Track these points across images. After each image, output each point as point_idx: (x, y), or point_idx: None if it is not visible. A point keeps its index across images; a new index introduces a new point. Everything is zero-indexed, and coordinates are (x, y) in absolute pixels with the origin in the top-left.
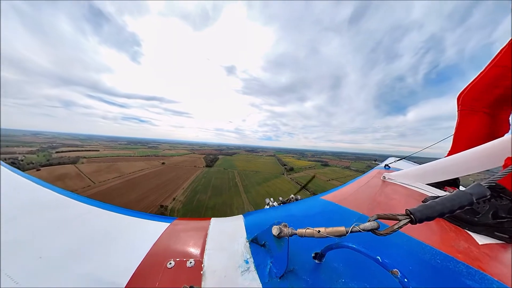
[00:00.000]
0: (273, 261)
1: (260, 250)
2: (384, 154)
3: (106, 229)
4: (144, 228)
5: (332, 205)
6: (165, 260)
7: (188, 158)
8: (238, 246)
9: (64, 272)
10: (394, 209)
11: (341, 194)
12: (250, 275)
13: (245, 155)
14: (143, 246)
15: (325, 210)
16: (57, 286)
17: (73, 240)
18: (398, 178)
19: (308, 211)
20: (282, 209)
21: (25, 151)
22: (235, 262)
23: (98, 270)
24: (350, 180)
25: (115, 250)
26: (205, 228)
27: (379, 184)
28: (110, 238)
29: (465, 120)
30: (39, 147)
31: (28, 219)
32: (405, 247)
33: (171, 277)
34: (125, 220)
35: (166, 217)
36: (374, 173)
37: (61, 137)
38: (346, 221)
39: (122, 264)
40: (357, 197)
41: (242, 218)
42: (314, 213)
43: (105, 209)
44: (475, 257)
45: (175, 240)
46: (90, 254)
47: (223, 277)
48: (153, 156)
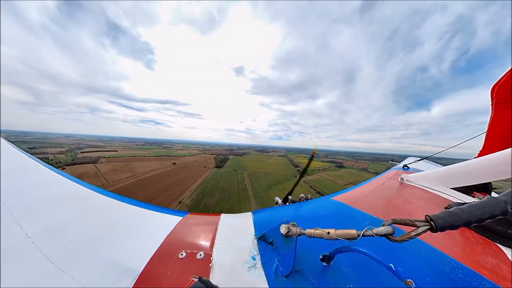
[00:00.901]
0: (280, 259)
1: (267, 248)
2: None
3: (125, 219)
4: (159, 221)
5: (343, 206)
6: (177, 251)
7: (199, 158)
8: (246, 243)
9: (90, 255)
10: (412, 214)
11: (353, 196)
12: (257, 271)
13: (255, 155)
14: (158, 236)
15: (335, 212)
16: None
17: (98, 228)
18: (418, 180)
19: (318, 212)
20: (291, 208)
21: (56, 152)
22: (242, 258)
23: (119, 255)
24: (364, 181)
25: (133, 239)
26: (215, 223)
27: (396, 186)
28: (129, 228)
29: (500, 115)
30: (68, 148)
31: (61, 208)
32: (422, 256)
33: (182, 267)
34: (142, 212)
35: (179, 211)
36: (391, 174)
37: (87, 139)
38: (357, 224)
39: (139, 252)
40: (371, 199)
41: (251, 215)
42: (324, 214)
43: (125, 202)
44: (505, 277)
45: (187, 233)
46: (112, 241)
47: (230, 271)
48: (165, 156)
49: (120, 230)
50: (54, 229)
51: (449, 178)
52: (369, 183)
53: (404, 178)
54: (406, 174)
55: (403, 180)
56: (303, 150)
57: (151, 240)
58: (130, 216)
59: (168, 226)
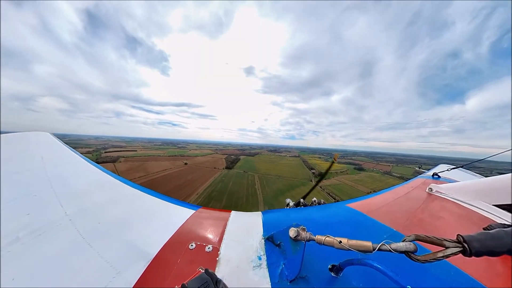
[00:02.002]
0: (286, 263)
1: (274, 249)
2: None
3: (145, 208)
4: (174, 212)
5: (359, 215)
6: (188, 241)
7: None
8: (254, 242)
9: (114, 236)
10: (441, 231)
11: (371, 204)
12: (261, 271)
13: (267, 156)
14: (171, 226)
15: (350, 220)
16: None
17: (122, 213)
18: (450, 192)
19: (330, 218)
20: (302, 211)
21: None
22: (248, 256)
23: (137, 239)
24: (385, 189)
25: (150, 226)
26: (225, 219)
27: (423, 197)
28: (148, 216)
29: None
30: (95, 148)
31: (94, 194)
32: (450, 282)
33: (191, 257)
34: (160, 203)
35: (193, 205)
36: (417, 183)
37: (113, 139)
38: (374, 235)
39: (155, 238)
40: (391, 209)
41: (260, 215)
42: (337, 221)
43: (147, 193)
44: None
45: (198, 226)
46: (132, 226)
47: (236, 267)
48: (179, 156)
49: (140, 217)
50: (87, 211)
51: (493, 192)
52: (391, 191)
53: (434, 188)
54: (436, 184)
55: (432, 191)
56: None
57: (165, 229)
58: (150, 205)
59: (182, 217)
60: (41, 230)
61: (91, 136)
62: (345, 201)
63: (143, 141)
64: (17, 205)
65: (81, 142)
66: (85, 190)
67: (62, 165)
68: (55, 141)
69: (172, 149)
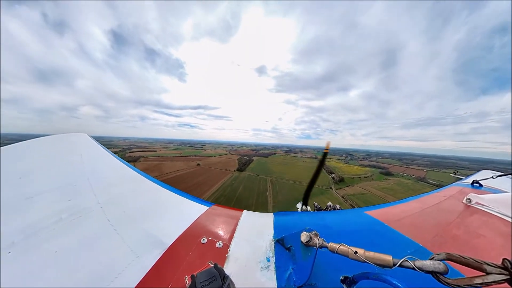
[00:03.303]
0: (295, 268)
1: (284, 252)
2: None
3: (163, 201)
4: (189, 207)
5: (379, 224)
6: (200, 236)
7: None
8: (263, 243)
9: (135, 224)
10: (481, 252)
11: (394, 213)
12: (269, 273)
13: (282, 157)
14: (186, 220)
15: (368, 229)
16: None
17: (143, 205)
18: (495, 204)
19: (346, 225)
20: (315, 216)
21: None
22: (257, 256)
23: (154, 229)
24: (410, 197)
25: (167, 218)
26: (237, 217)
27: (459, 209)
28: (165, 209)
29: None
30: (122, 148)
31: (121, 187)
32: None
33: (202, 251)
34: (177, 197)
35: (207, 202)
36: (452, 192)
37: (138, 141)
38: (395, 249)
39: (170, 230)
40: (418, 221)
41: (272, 216)
42: (353, 229)
43: (165, 188)
44: None
45: (210, 222)
46: (151, 217)
47: (244, 266)
48: (193, 156)
49: (158, 209)
50: (115, 200)
51: None
52: (418, 200)
53: (473, 199)
54: (476, 193)
55: (471, 202)
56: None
57: (180, 222)
58: (167, 199)
59: (196, 213)
60: (79, 213)
61: (120, 137)
62: (363, 207)
63: (164, 142)
64: (61, 192)
65: (111, 143)
66: (114, 183)
67: (96, 161)
68: (91, 141)
69: (188, 149)
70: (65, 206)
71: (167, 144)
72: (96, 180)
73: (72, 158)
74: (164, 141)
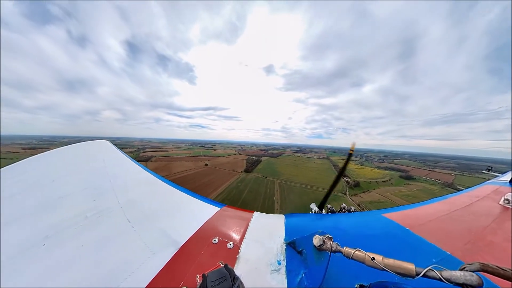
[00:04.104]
0: (306, 272)
1: (295, 256)
2: None
3: (177, 202)
4: (201, 208)
5: (399, 229)
6: (212, 236)
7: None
8: (274, 245)
9: (151, 223)
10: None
11: (416, 216)
12: (279, 277)
13: (291, 157)
14: (198, 220)
15: (387, 233)
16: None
17: (158, 205)
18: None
19: (362, 229)
20: (329, 218)
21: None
22: (268, 259)
23: (168, 229)
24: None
25: (180, 218)
26: (248, 219)
27: (495, 212)
28: (178, 209)
29: None
30: (137, 148)
31: (138, 189)
32: None
33: (213, 251)
34: (190, 198)
35: (218, 203)
36: (486, 191)
37: (152, 141)
38: (418, 256)
39: (183, 229)
40: (445, 225)
41: (283, 218)
42: (370, 233)
43: (179, 189)
44: None
45: (222, 223)
46: (165, 217)
47: (254, 268)
48: (203, 156)
49: (172, 210)
50: (133, 201)
51: None
52: (444, 201)
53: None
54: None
55: (510, 203)
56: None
57: (193, 223)
58: (180, 200)
59: (208, 213)
60: (102, 213)
61: (136, 138)
62: (381, 209)
63: (176, 142)
64: (87, 193)
65: (128, 143)
66: (132, 185)
67: (117, 166)
68: (112, 147)
69: (199, 149)
70: (91, 206)
71: (179, 144)
72: (117, 183)
73: (96, 163)
74: (177, 141)
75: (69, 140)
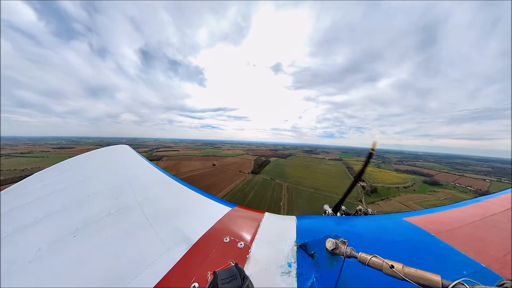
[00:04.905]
0: (318, 277)
1: (307, 259)
2: None
3: (190, 201)
4: (213, 207)
5: (423, 234)
6: (223, 235)
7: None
8: (285, 247)
9: (167, 221)
10: None
11: (444, 221)
12: (289, 279)
13: (301, 158)
14: (210, 219)
15: (408, 239)
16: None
17: (173, 204)
18: None
19: (380, 233)
20: (343, 221)
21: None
22: (278, 260)
23: (182, 226)
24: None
25: (193, 217)
26: (258, 219)
27: None
28: (192, 208)
29: None
30: (151, 148)
31: (154, 188)
32: None
33: (224, 250)
34: (203, 198)
35: (230, 203)
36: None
37: (166, 141)
38: (445, 267)
39: (196, 227)
40: (478, 232)
41: (295, 220)
42: (389, 238)
43: (192, 189)
44: None
45: (233, 223)
46: (179, 215)
47: (264, 269)
48: (211, 156)
49: (185, 208)
50: (150, 200)
51: None
52: (477, 204)
53: None
54: None
55: None
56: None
57: (205, 221)
58: (194, 199)
59: (220, 213)
60: (123, 210)
61: (151, 138)
62: (402, 213)
63: (187, 142)
64: (111, 192)
65: (144, 143)
66: (149, 185)
67: (135, 168)
68: (131, 151)
69: (208, 149)
70: (113, 203)
71: (190, 144)
72: (136, 183)
73: (118, 165)
74: (188, 141)
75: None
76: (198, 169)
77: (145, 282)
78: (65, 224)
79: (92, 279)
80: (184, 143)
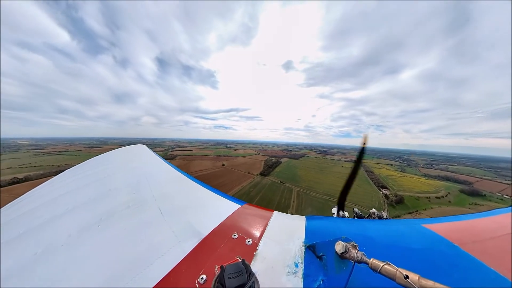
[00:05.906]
0: (325, 280)
1: (314, 260)
2: None
3: (201, 198)
4: (223, 204)
5: (444, 243)
6: (232, 232)
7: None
8: (293, 246)
9: (180, 216)
10: None
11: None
12: (295, 280)
13: (315, 159)
14: (220, 215)
15: (426, 248)
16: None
17: (185, 200)
18: None
19: (395, 240)
20: (355, 224)
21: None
22: (285, 260)
23: (194, 221)
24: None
25: (204, 213)
26: (267, 217)
27: None
28: (203, 204)
29: None
30: (167, 147)
31: (168, 185)
32: None
33: (232, 246)
34: (213, 195)
35: (239, 200)
36: None
37: (181, 141)
38: (468, 282)
39: (206, 223)
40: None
41: (304, 220)
42: (405, 245)
43: (202, 186)
44: None
45: (242, 220)
46: (191, 211)
47: (270, 267)
48: (222, 156)
49: (197, 204)
50: (164, 196)
51: None
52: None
53: None
54: None
55: None
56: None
57: (215, 217)
58: (206, 196)
59: (229, 209)
60: (140, 204)
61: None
62: (421, 219)
63: (201, 142)
64: (129, 187)
65: (161, 143)
66: (164, 182)
67: (151, 165)
68: (147, 150)
69: (220, 149)
70: (131, 198)
71: (203, 144)
72: (152, 179)
73: (135, 163)
74: (202, 141)
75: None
76: (207, 168)
77: (158, 270)
78: (91, 214)
79: (112, 263)
80: (198, 143)
